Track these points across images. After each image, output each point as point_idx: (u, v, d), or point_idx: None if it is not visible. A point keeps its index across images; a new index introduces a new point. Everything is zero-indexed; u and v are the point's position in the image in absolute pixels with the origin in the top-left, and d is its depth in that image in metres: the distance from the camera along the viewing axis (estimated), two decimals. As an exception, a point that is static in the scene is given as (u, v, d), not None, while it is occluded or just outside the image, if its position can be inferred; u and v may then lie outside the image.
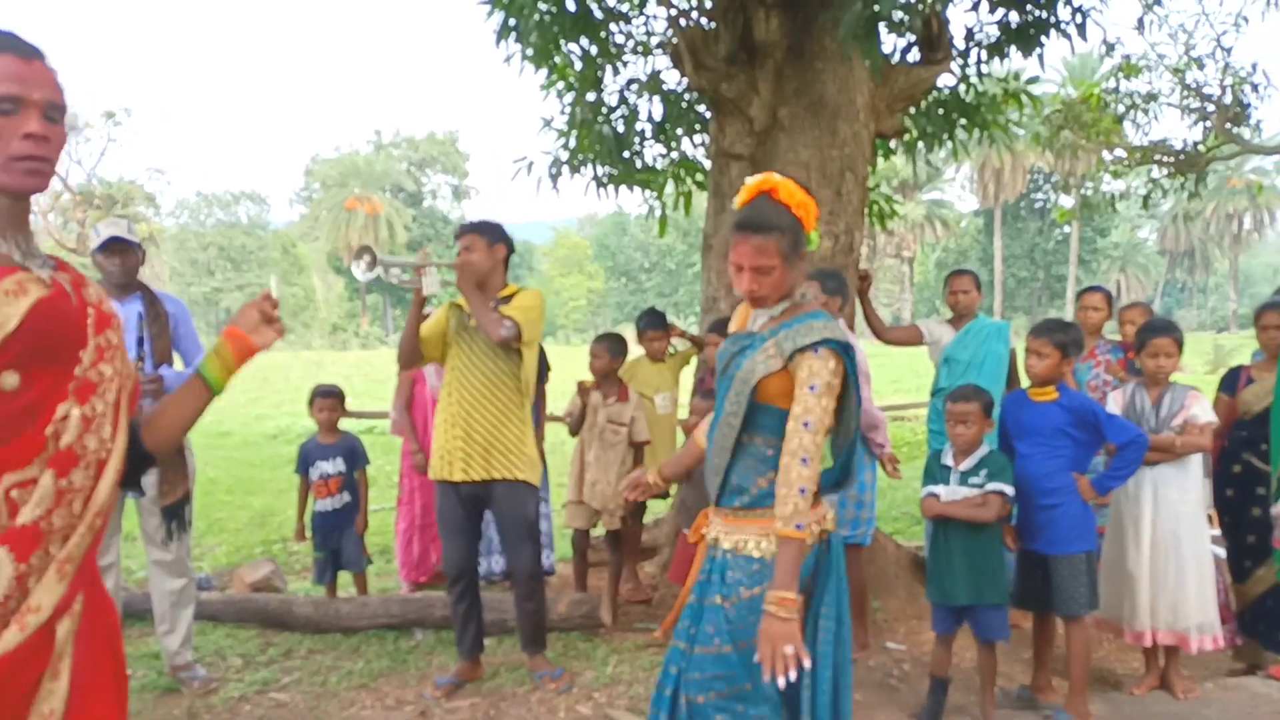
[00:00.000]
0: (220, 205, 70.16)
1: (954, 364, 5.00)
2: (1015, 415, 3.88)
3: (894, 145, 6.44)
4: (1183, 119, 9.30)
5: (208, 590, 5.59)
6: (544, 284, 67.79)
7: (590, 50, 5.99)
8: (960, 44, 5.78)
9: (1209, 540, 4.06)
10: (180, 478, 3.96)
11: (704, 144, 6.40)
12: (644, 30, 6.12)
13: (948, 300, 5.18)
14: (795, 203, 2.36)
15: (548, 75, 6.41)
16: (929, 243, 58.10)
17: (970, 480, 3.67)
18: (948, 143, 6.50)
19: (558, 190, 6.61)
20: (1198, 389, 4.02)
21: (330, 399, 5.22)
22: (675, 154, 6.61)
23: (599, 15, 5.71)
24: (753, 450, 2.42)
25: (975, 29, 5.76)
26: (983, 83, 6.20)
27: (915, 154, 6.64)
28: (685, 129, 6.33)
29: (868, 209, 6.40)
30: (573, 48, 6.00)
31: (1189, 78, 8.95)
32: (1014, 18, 5.55)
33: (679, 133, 6.37)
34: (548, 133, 6.56)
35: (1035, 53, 5.49)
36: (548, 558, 5.63)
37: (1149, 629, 3.90)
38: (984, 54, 5.82)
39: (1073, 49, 5.33)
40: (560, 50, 6.02)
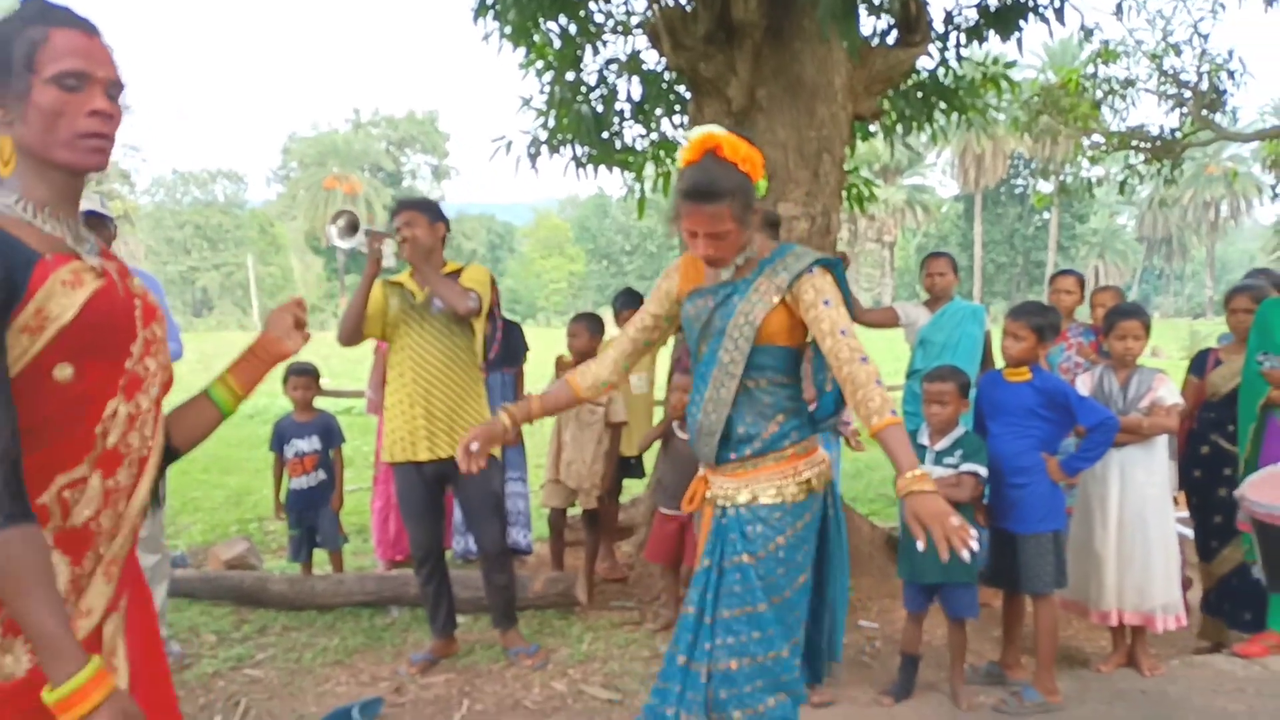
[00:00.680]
0: (196, 183, 69.63)
1: (929, 346, 5.04)
2: (989, 395, 3.91)
3: (873, 128, 6.45)
4: (1160, 105, 9.42)
5: (183, 569, 5.57)
6: (524, 265, 67.70)
7: (569, 29, 5.96)
8: (939, 27, 5.79)
9: (1174, 521, 4.11)
10: None
11: (683, 125, 6.38)
12: (624, 9, 6.08)
13: (924, 283, 5.22)
14: (741, 158, 2.28)
15: (526, 54, 6.37)
16: (910, 228, 58.29)
17: (945, 460, 3.71)
18: (927, 126, 6.52)
19: (536, 170, 6.56)
20: (1165, 372, 4.07)
21: (305, 377, 5.21)
22: (655, 135, 6.59)
23: (578, -7, 5.68)
24: (758, 395, 2.38)
25: (954, 12, 5.79)
26: (961, 66, 6.22)
27: (894, 137, 6.66)
28: (665, 110, 6.30)
29: (846, 191, 6.42)
30: (551, 26, 5.97)
31: (1166, 64, 9.00)
32: (992, 1, 5.57)
33: (658, 113, 6.35)
34: (527, 112, 6.53)
35: (1014, 37, 5.52)
36: (525, 536, 5.65)
37: (1115, 609, 3.95)
38: (963, 37, 5.84)
39: (1051, 33, 5.35)
40: (539, 28, 5.98)
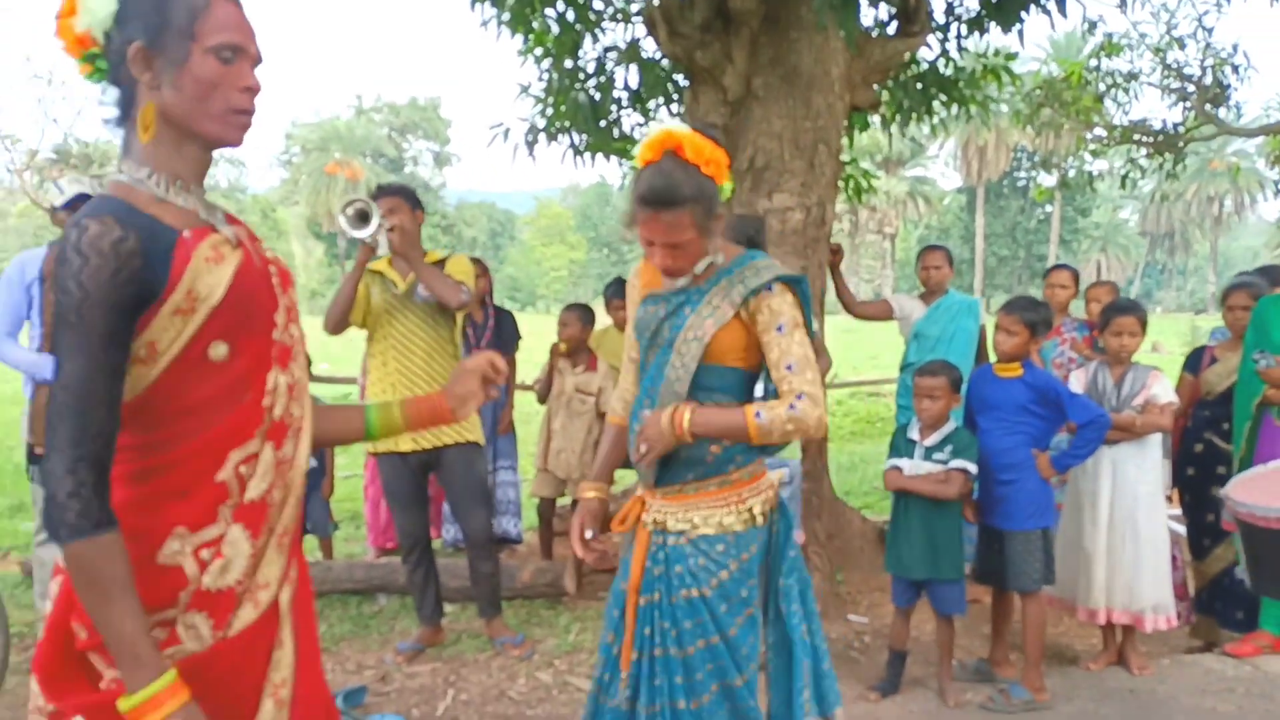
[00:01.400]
0: (199, 168, 69.36)
1: (924, 339, 5.01)
2: (980, 390, 3.88)
3: (871, 119, 6.40)
4: (1163, 99, 9.33)
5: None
6: (525, 254, 67.66)
7: (568, 16, 5.92)
8: (940, 18, 5.74)
9: (1166, 520, 4.08)
10: None
11: (680, 114, 6.34)
12: (623, -3, 6.04)
13: (919, 275, 5.19)
14: (704, 159, 2.10)
15: (525, 41, 6.33)
16: (911, 219, 58.21)
17: (935, 456, 3.68)
18: (926, 118, 6.47)
19: (534, 157, 6.53)
20: (1159, 369, 4.04)
21: (298, 363, 5.18)
22: (652, 123, 6.55)
23: (577, -20, 5.64)
24: None
25: (955, 3, 5.73)
26: (962, 57, 6.16)
27: (892, 128, 6.61)
28: (663, 98, 6.26)
29: (843, 183, 6.37)
30: (550, 13, 5.92)
31: (1170, 57, 8.96)
32: (993, -8, 5.51)
33: (656, 102, 6.30)
34: (525, 99, 6.50)
35: (1015, 28, 5.46)
36: (516, 526, 5.64)
37: (1104, 607, 3.92)
38: (963, 28, 5.78)
39: (1053, 25, 5.29)
40: (538, 15, 5.94)
